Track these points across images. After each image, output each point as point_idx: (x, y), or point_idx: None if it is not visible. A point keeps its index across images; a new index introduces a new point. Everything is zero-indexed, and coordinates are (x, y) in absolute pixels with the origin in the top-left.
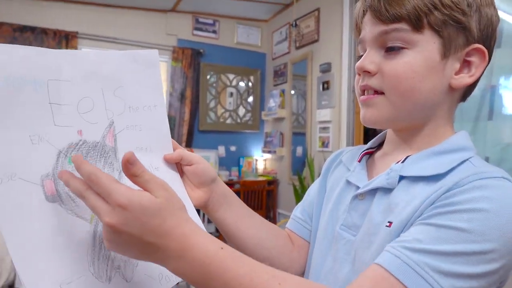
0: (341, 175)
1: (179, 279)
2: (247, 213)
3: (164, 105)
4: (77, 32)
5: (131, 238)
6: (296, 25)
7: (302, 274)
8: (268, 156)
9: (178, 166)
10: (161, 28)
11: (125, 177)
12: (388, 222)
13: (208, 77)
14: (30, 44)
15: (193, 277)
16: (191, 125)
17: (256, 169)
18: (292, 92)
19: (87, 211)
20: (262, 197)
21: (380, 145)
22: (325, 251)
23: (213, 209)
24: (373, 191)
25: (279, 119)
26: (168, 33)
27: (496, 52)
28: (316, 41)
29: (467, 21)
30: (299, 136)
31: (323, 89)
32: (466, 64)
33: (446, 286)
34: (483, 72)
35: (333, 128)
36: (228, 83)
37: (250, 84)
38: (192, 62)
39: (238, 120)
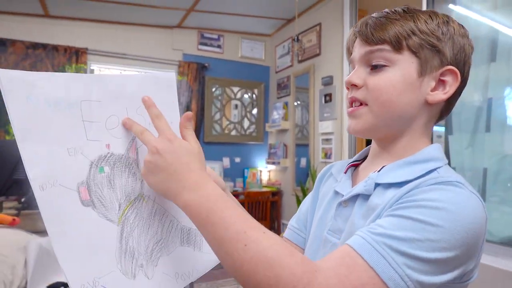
0: (331, 186)
1: (193, 279)
2: (248, 217)
3: (179, 121)
4: (86, 48)
5: (165, 162)
6: (298, 39)
7: None
8: (272, 167)
9: None
10: (167, 44)
11: (146, 184)
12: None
13: (213, 90)
14: (41, 60)
15: (197, 210)
16: (196, 137)
17: (261, 180)
18: (296, 104)
19: (115, 215)
20: (266, 208)
21: (365, 158)
22: (314, 255)
23: None
24: (354, 198)
25: (283, 131)
26: (174, 48)
27: (491, 66)
28: (318, 55)
29: (441, 46)
30: (303, 147)
31: (325, 101)
32: (441, 82)
33: (400, 262)
34: (458, 91)
35: (335, 140)
36: (233, 96)
37: (254, 96)
38: (197, 75)
39: (243, 132)
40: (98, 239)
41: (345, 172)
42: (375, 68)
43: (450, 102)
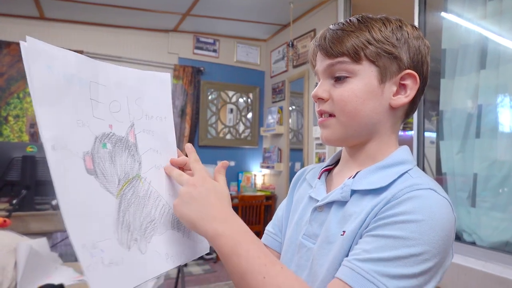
0: (305, 192)
1: (181, 263)
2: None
3: (172, 118)
4: (82, 51)
5: (200, 194)
6: (293, 45)
7: None
8: (266, 171)
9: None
10: (163, 47)
11: (143, 166)
12: (343, 231)
13: (209, 94)
14: None
15: (226, 241)
16: (191, 141)
17: (255, 184)
18: (291, 108)
19: (115, 188)
20: (260, 212)
21: (338, 162)
22: (290, 259)
23: None
24: (330, 204)
25: (277, 135)
26: (170, 52)
27: (481, 73)
28: None
29: (398, 52)
30: (297, 152)
31: None
32: (402, 86)
33: (392, 286)
34: (420, 91)
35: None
36: (228, 100)
37: (249, 101)
38: (192, 79)
39: (238, 136)
40: (99, 206)
41: (319, 178)
42: (338, 80)
43: (414, 102)
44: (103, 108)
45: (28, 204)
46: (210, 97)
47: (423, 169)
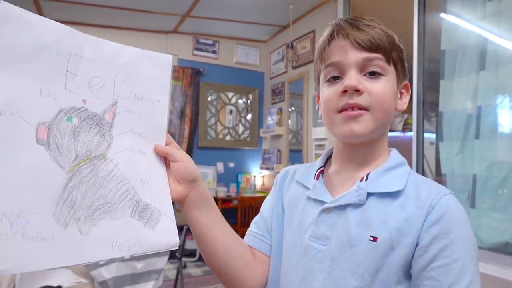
0: (299, 193)
1: (130, 253)
2: (221, 220)
3: (167, 102)
4: None
5: None
6: (292, 46)
7: (262, 286)
8: (266, 172)
9: (166, 160)
10: (162, 48)
11: (113, 147)
12: (372, 236)
13: (208, 95)
14: None
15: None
16: (190, 142)
17: (254, 185)
18: (290, 109)
19: (68, 161)
20: None
21: (326, 162)
22: (296, 263)
23: (190, 207)
24: (343, 207)
25: (277, 136)
26: (169, 53)
27: (480, 74)
28: (312, 61)
29: (405, 62)
30: (297, 153)
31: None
32: (400, 94)
33: None
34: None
35: (328, 145)
36: (227, 101)
37: (248, 102)
38: (192, 80)
39: (237, 137)
40: (40, 178)
41: (317, 179)
42: (371, 75)
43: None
44: (80, 82)
45: None
46: (209, 98)
47: (423, 170)
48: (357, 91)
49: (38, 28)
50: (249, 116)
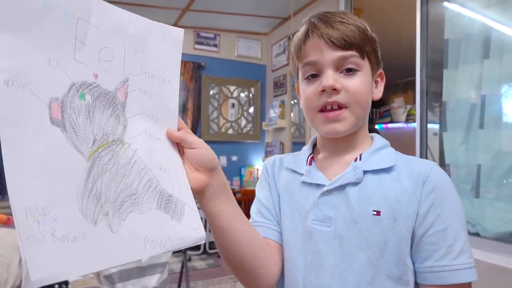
0: (291, 179)
1: (164, 250)
2: (240, 210)
3: (178, 82)
4: None
5: None
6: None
7: (281, 274)
8: None
9: (180, 146)
10: None
11: (128, 130)
12: (375, 211)
13: (210, 89)
14: None
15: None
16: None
17: (257, 178)
18: (292, 102)
19: (87, 146)
20: None
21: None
22: (301, 248)
23: (210, 197)
24: (342, 187)
25: (280, 129)
26: None
27: (484, 63)
28: None
29: (378, 52)
30: (299, 145)
31: None
32: (375, 83)
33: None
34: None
35: None
36: (229, 95)
37: (250, 95)
38: (193, 75)
39: (240, 131)
40: (60, 165)
41: (310, 164)
42: (347, 72)
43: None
44: (89, 52)
45: None
46: (211, 92)
47: None
48: (335, 89)
49: None
50: (251, 109)
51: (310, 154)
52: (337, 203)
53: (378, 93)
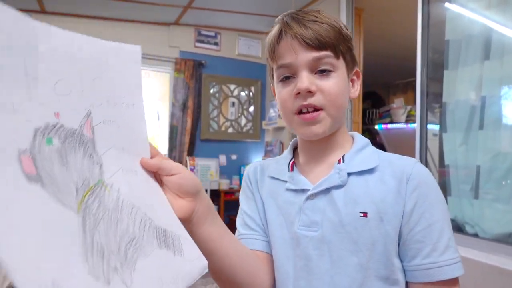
0: (276, 187)
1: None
2: (227, 229)
3: (143, 105)
4: None
5: None
6: None
7: (273, 283)
8: None
9: (156, 175)
10: (164, 41)
11: (105, 169)
12: (361, 212)
13: (210, 87)
14: None
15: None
16: (192, 134)
17: None
18: None
19: (72, 198)
20: None
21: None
22: (289, 255)
23: (198, 223)
24: (327, 190)
25: (279, 129)
26: (171, 45)
27: (484, 64)
28: None
29: (353, 49)
30: None
31: None
32: (352, 82)
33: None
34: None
35: None
36: (230, 93)
37: (251, 94)
38: (194, 73)
39: (239, 130)
40: (53, 228)
41: (292, 170)
42: (322, 73)
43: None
44: (44, 88)
45: None
46: (211, 91)
47: (426, 161)
48: (310, 92)
49: None
50: (251, 108)
51: (291, 158)
52: (322, 206)
53: (355, 92)
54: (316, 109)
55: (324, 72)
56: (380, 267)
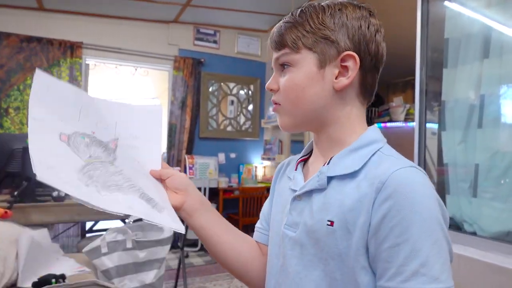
0: (285, 185)
1: (144, 217)
2: (222, 220)
3: (160, 142)
4: (82, 43)
5: None
6: None
7: None
8: (267, 163)
9: (162, 181)
10: (163, 39)
11: (118, 161)
12: (329, 221)
13: (209, 85)
14: (36, 54)
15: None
16: (191, 133)
17: (256, 175)
18: None
19: (83, 156)
20: (261, 204)
21: (311, 152)
22: (276, 251)
23: (190, 212)
24: (310, 193)
25: (278, 127)
26: (170, 43)
27: (484, 63)
28: None
29: (335, 36)
30: (298, 143)
31: None
32: (344, 68)
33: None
34: (373, 71)
35: None
36: (229, 92)
37: (250, 92)
38: (193, 71)
39: (238, 128)
40: (64, 157)
41: (296, 169)
42: (283, 71)
43: (365, 82)
44: (88, 121)
45: (29, 196)
46: (210, 89)
47: (424, 160)
48: (272, 90)
49: (61, 88)
50: (250, 107)
51: (302, 156)
52: (303, 209)
53: (344, 80)
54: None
55: (285, 69)
56: (348, 281)
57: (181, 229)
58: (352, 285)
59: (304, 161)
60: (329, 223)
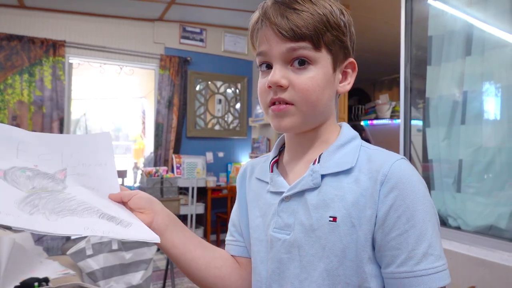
0: (260, 188)
1: (106, 235)
2: (193, 235)
3: (114, 163)
4: (64, 41)
5: None
6: None
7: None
8: None
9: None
10: (148, 37)
11: (68, 190)
12: (331, 217)
13: (196, 84)
14: (17, 52)
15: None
16: (178, 132)
17: None
18: None
19: (25, 188)
20: None
21: (280, 152)
22: (264, 257)
23: (160, 231)
24: (301, 193)
25: (266, 125)
26: (156, 42)
27: (466, 60)
28: None
29: (345, 40)
30: None
31: None
32: (344, 74)
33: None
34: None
35: None
36: (216, 90)
37: (237, 91)
38: (179, 70)
39: (226, 127)
40: (5, 194)
41: (272, 171)
42: (298, 66)
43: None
44: (29, 155)
45: None
46: (197, 88)
47: (410, 157)
48: (281, 86)
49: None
50: (238, 105)
51: (274, 157)
52: (296, 209)
53: (347, 85)
54: (287, 104)
55: (303, 64)
56: (351, 274)
57: (155, 238)
58: (355, 277)
59: (276, 162)
60: (331, 219)
